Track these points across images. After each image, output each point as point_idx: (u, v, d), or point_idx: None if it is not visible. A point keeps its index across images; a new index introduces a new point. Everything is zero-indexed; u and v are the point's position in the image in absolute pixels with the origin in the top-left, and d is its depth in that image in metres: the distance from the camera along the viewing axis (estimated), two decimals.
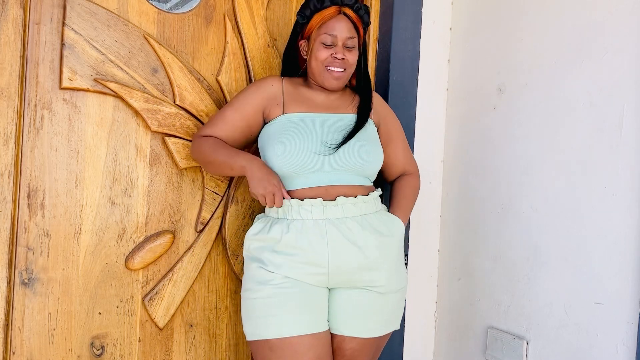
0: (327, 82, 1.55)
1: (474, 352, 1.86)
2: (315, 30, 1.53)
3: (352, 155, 1.49)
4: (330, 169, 1.48)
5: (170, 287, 1.67)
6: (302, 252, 1.44)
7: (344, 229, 1.46)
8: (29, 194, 1.53)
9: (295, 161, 1.47)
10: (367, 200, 1.51)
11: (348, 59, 1.53)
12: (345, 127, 1.53)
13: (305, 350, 1.40)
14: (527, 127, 1.71)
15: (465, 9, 1.98)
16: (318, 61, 1.53)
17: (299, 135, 1.49)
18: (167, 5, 1.67)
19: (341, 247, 1.45)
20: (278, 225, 1.48)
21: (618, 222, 1.46)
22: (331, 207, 1.46)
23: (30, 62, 1.52)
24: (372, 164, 1.53)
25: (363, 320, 1.50)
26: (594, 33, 1.54)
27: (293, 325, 1.41)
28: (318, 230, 1.45)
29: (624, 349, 1.43)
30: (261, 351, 1.43)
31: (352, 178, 1.51)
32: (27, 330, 1.53)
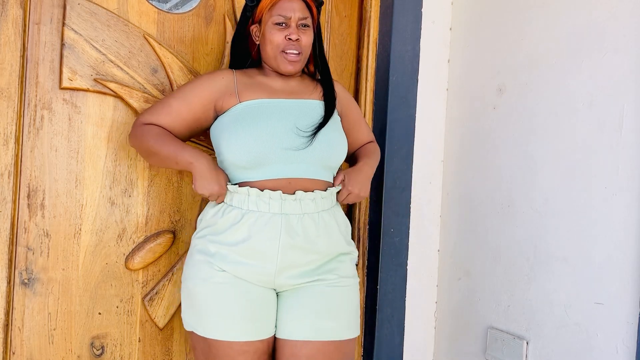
0: (282, 66, 1.48)
1: (474, 352, 1.86)
2: (266, 12, 1.46)
3: (318, 146, 1.42)
4: (293, 160, 1.41)
5: (170, 287, 1.67)
6: (250, 247, 1.38)
7: (299, 228, 1.40)
8: (29, 194, 1.53)
9: (252, 151, 1.39)
10: (325, 196, 1.45)
11: (302, 40, 1.46)
12: (310, 113, 1.47)
13: (236, 354, 1.37)
14: (527, 127, 1.71)
15: (465, 9, 1.98)
16: (273, 45, 1.46)
17: (258, 123, 1.41)
18: (167, 5, 1.67)
19: (293, 246, 1.40)
20: (232, 214, 1.40)
21: (618, 222, 1.46)
22: (290, 202, 1.40)
23: (30, 62, 1.52)
24: (338, 154, 1.47)
25: (314, 319, 1.41)
26: (594, 33, 1.54)
27: (226, 330, 1.37)
28: (272, 225, 1.39)
29: (624, 349, 1.43)
30: (196, 342, 1.42)
31: (316, 171, 1.44)
32: (27, 330, 1.53)
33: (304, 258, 1.42)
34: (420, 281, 2.00)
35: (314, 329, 1.40)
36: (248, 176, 1.42)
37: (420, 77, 1.98)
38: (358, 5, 1.95)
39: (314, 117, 1.46)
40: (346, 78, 1.95)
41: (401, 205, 1.94)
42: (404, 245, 1.95)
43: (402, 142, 1.93)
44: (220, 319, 1.38)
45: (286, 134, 1.41)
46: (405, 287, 1.96)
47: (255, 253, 1.39)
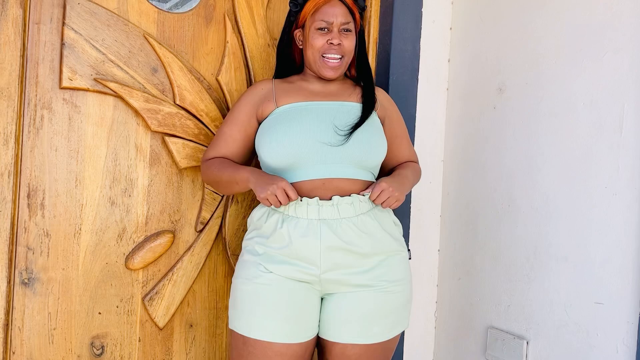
0: (323, 71, 1.50)
1: (474, 352, 1.86)
2: (309, 17, 1.49)
3: (354, 145, 1.43)
4: (329, 160, 1.42)
5: (170, 287, 1.67)
6: (293, 251, 1.41)
7: (339, 231, 1.41)
8: (29, 193, 1.53)
9: (288, 153, 1.42)
10: (362, 200, 1.45)
11: (344, 45, 1.49)
12: (347, 114, 1.48)
13: (273, 355, 1.38)
14: (527, 126, 1.71)
15: (465, 9, 1.98)
16: (314, 49, 1.49)
17: (292, 125, 1.43)
18: (167, 5, 1.67)
19: (335, 248, 1.40)
20: (274, 218, 1.44)
21: (618, 221, 1.46)
22: (327, 208, 1.41)
23: (30, 61, 1.52)
24: (375, 154, 1.47)
25: (364, 324, 1.43)
26: (594, 33, 1.54)
27: (265, 330, 1.39)
28: (312, 230, 1.40)
29: (624, 349, 1.43)
30: (236, 341, 1.44)
31: (353, 171, 1.45)
32: (27, 330, 1.53)
33: (347, 260, 1.42)
34: (420, 281, 2.00)
35: (362, 334, 1.43)
36: (286, 177, 1.45)
37: (420, 76, 1.98)
38: None
39: (351, 118, 1.47)
40: None
41: (401, 206, 1.94)
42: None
43: None
44: (261, 318, 1.40)
45: (322, 132, 1.43)
46: None
47: (299, 256, 1.41)
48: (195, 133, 1.68)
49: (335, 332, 1.44)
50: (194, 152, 1.68)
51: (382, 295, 1.44)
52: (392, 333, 1.48)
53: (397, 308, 1.48)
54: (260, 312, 1.40)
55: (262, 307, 1.40)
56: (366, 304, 1.43)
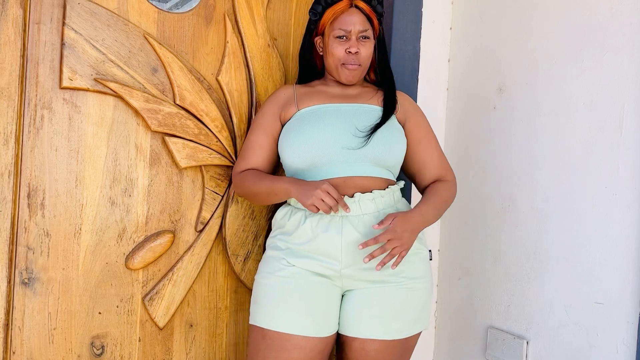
0: (343, 77, 1.54)
1: (474, 352, 1.86)
2: (328, 26, 1.53)
3: (373, 144, 1.46)
4: (350, 159, 1.45)
5: (170, 286, 1.67)
6: (315, 246, 1.43)
7: (360, 226, 1.43)
8: (29, 193, 1.53)
9: (309, 153, 1.45)
10: (384, 195, 1.47)
11: (362, 52, 1.51)
12: (367, 115, 1.50)
13: (292, 348, 1.40)
14: (527, 126, 1.71)
15: (465, 9, 1.98)
16: (334, 58, 1.52)
17: (314, 126, 1.47)
18: (167, 5, 1.67)
19: (356, 244, 1.42)
20: (297, 216, 1.47)
21: (618, 221, 1.46)
22: (349, 204, 1.44)
23: (30, 61, 1.52)
24: (393, 154, 1.49)
25: (383, 319, 1.44)
26: (594, 33, 1.54)
27: (284, 322, 1.40)
28: (333, 226, 1.43)
29: (624, 349, 1.43)
30: (254, 335, 1.46)
31: (372, 169, 1.47)
32: (27, 330, 1.53)
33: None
34: None
35: (382, 329, 1.44)
36: (307, 177, 1.48)
37: (421, 76, 1.98)
38: None
39: (371, 120, 1.50)
40: None
41: None
42: None
43: None
44: (281, 310, 1.42)
45: (342, 133, 1.46)
46: None
47: (321, 252, 1.43)
48: (195, 133, 1.68)
49: (355, 327, 1.45)
50: (194, 152, 1.68)
51: (402, 292, 1.46)
52: (412, 331, 1.48)
53: (417, 305, 1.49)
54: (281, 304, 1.42)
55: (283, 299, 1.42)
56: (387, 299, 1.45)
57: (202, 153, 1.68)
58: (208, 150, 1.69)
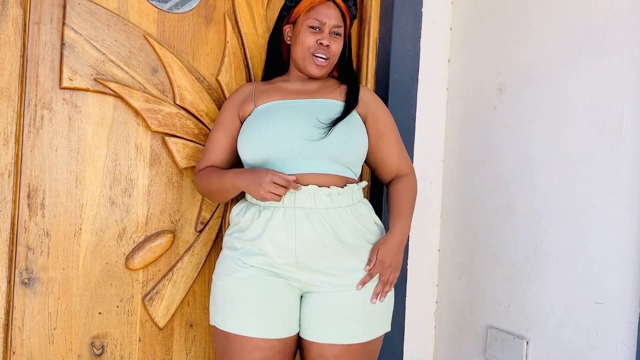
0: (309, 68, 1.52)
1: (474, 352, 1.86)
2: (302, 14, 1.51)
3: (329, 139, 1.42)
4: (304, 156, 1.42)
5: (170, 286, 1.67)
6: (269, 241, 1.40)
7: (315, 219, 1.40)
8: (29, 193, 1.53)
9: (263, 149, 1.43)
10: (341, 193, 1.43)
11: (332, 47, 1.51)
12: (326, 110, 1.47)
13: (251, 349, 1.39)
14: (527, 126, 1.71)
15: (465, 9, 1.98)
16: (304, 46, 1.50)
17: (269, 121, 1.45)
18: (167, 5, 1.67)
19: (309, 235, 1.39)
20: (251, 211, 1.45)
21: (618, 221, 1.46)
22: (303, 195, 1.40)
23: (30, 61, 1.52)
24: (352, 149, 1.45)
25: (343, 324, 1.42)
26: (594, 33, 1.54)
27: (242, 325, 1.40)
28: (287, 219, 1.40)
29: (624, 349, 1.43)
30: (218, 337, 1.45)
31: (329, 166, 1.44)
32: (27, 330, 1.53)
33: (322, 250, 1.41)
34: (420, 281, 2.01)
35: (340, 334, 1.42)
36: None
37: (421, 77, 1.98)
38: (358, 5, 1.95)
39: (330, 114, 1.47)
40: None
41: None
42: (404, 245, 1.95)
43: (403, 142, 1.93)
44: (238, 313, 1.41)
45: (298, 128, 1.43)
46: (406, 287, 1.96)
47: (274, 246, 1.41)
48: (195, 133, 1.68)
49: (313, 331, 1.43)
50: (194, 152, 1.68)
51: (361, 294, 1.43)
52: (373, 334, 1.46)
53: (377, 309, 1.46)
54: (238, 307, 1.41)
55: (240, 302, 1.41)
56: (345, 302, 1.42)
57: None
58: None
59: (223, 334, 1.43)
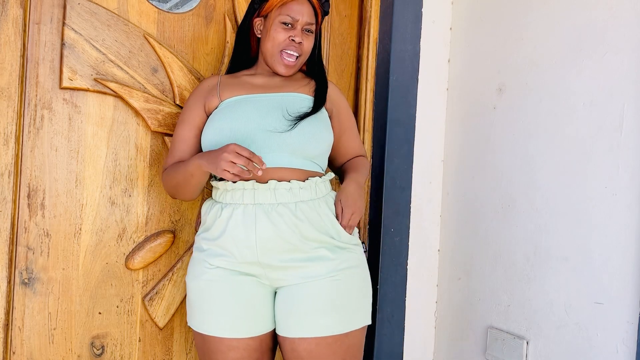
0: (278, 67, 1.50)
1: (474, 352, 1.86)
2: (275, 9, 1.48)
3: (293, 133, 1.40)
4: (268, 148, 1.40)
5: (170, 286, 1.67)
6: (229, 238, 1.38)
7: (274, 215, 1.37)
8: (29, 193, 1.53)
9: (225, 141, 1.39)
10: (303, 187, 1.40)
11: (304, 44, 1.49)
12: (293, 104, 1.45)
13: (226, 349, 1.40)
14: (527, 126, 1.71)
15: (465, 9, 1.98)
16: (275, 42, 1.48)
17: (229, 116, 1.43)
18: (167, 5, 1.67)
19: (269, 232, 1.36)
20: (214, 209, 1.42)
21: (618, 221, 1.46)
22: (262, 192, 1.38)
23: (30, 62, 1.52)
24: (314, 143, 1.43)
25: (312, 316, 1.37)
26: (594, 33, 1.54)
27: (214, 326, 1.40)
28: (247, 216, 1.37)
29: (624, 349, 1.43)
30: (196, 338, 1.46)
31: (289, 160, 1.41)
32: (27, 330, 1.53)
33: (284, 246, 1.38)
34: (420, 281, 2.01)
35: (310, 326, 1.37)
36: None
37: (421, 77, 1.98)
38: (358, 5, 1.95)
39: (297, 108, 1.45)
40: (346, 78, 1.95)
41: (401, 205, 1.94)
42: (404, 245, 1.95)
43: (402, 142, 1.93)
44: (209, 315, 1.41)
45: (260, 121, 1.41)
46: (405, 287, 1.96)
47: (235, 244, 1.38)
48: None
49: (283, 326, 1.40)
50: None
51: (332, 284, 1.38)
52: (349, 326, 1.39)
53: (350, 298, 1.40)
54: (208, 308, 1.41)
55: (209, 303, 1.41)
56: (314, 293, 1.37)
57: None
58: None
59: (199, 335, 1.44)
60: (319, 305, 1.37)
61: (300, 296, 1.38)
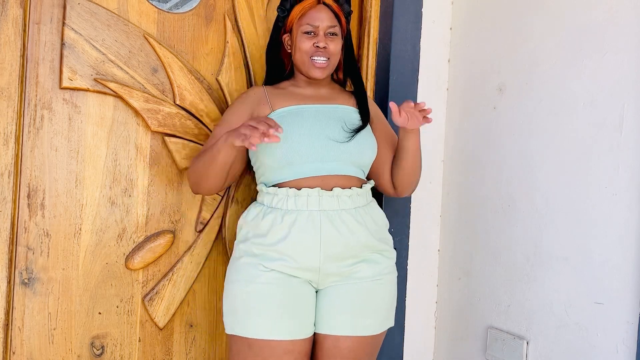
0: (311, 72, 1.53)
1: (474, 352, 1.86)
2: (296, 22, 1.53)
3: (350, 143, 1.49)
4: (325, 158, 1.47)
5: (170, 287, 1.67)
6: (293, 244, 1.42)
7: (339, 222, 1.44)
8: (29, 193, 1.53)
9: (288, 151, 1.45)
10: (360, 193, 1.50)
11: (330, 47, 1.52)
12: (341, 116, 1.53)
13: (282, 353, 1.39)
14: (527, 126, 1.71)
15: (465, 9, 1.98)
16: (302, 52, 1.52)
17: (292, 125, 1.47)
18: (167, 5, 1.67)
19: (334, 239, 1.43)
20: (272, 215, 1.45)
21: (618, 221, 1.46)
22: (327, 198, 1.44)
23: (30, 62, 1.52)
24: (366, 153, 1.52)
25: (357, 316, 1.46)
26: (594, 33, 1.54)
27: (272, 329, 1.40)
28: (312, 222, 1.43)
29: (624, 349, 1.43)
30: (238, 346, 1.43)
31: (347, 168, 1.49)
32: (27, 330, 1.53)
33: (345, 252, 1.45)
34: (420, 281, 2.00)
35: (354, 326, 1.46)
36: (284, 176, 1.47)
37: (421, 76, 1.98)
38: (358, 5, 1.95)
39: (348, 120, 1.53)
40: None
41: (401, 205, 1.94)
42: (404, 245, 1.95)
43: None
44: (265, 318, 1.40)
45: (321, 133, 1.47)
46: (405, 287, 1.96)
47: (298, 250, 1.43)
48: (195, 133, 1.68)
49: (328, 323, 1.46)
50: (194, 152, 1.68)
51: (370, 286, 1.48)
52: (382, 327, 1.51)
53: (386, 302, 1.52)
54: (263, 312, 1.41)
55: (266, 306, 1.41)
56: (356, 295, 1.47)
57: None
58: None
59: (246, 342, 1.41)
60: (364, 306, 1.47)
61: (346, 295, 1.47)
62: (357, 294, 1.47)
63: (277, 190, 1.46)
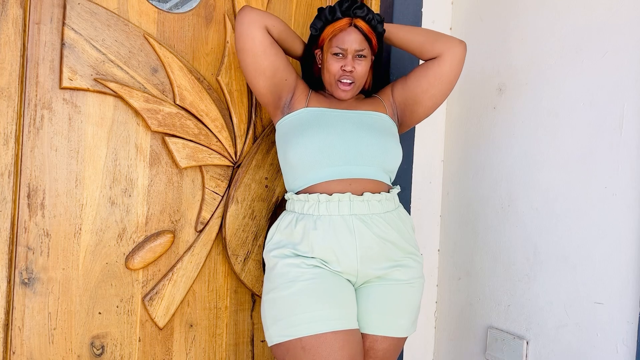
0: (337, 93, 1.57)
1: (474, 352, 1.86)
2: (326, 42, 1.55)
3: (374, 149, 1.51)
4: (353, 162, 1.49)
5: (170, 287, 1.67)
6: (328, 249, 1.44)
7: (371, 224, 1.46)
8: (29, 193, 1.53)
9: (319, 152, 1.47)
10: (389, 198, 1.52)
11: (357, 70, 1.54)
12: (369, 122, 1.56)
13: (340, 346, 1.34)
14: (527, 126, 1.71)
15: (465, 9, 1.98)
16: (330, 73, 1.55)
17: (322, 126, 1.51)
18: (167, 5, 1.67)
19: (369, 242, 1.45)
20: (304, 222, 1.47)
21: (618, 221, 1.46)
22: (358, 203, 1.46)
23: (30, 62, 1.52)
24: (393, 158, 1.54)
25: (394, 317, 1.49)
26: (594, 33, 1.54)
27: (326, 321, 1.36)
28: (346, 225, 1.45)
29: (624, 349, 1.43)
30: (292, 352, 1.36)
31: (375, 172, 1.51)
32: (27, 330, 1.53)
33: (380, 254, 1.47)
34: None
35: (392, 326, 1.49)
36: (314, 177, 1.49)
37: None
38: None
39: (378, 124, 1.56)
40: None
41: None
42: None
43: (402, 142, 1.93)
44: (314, 312, 1.36)
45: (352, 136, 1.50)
46: None
47: (334, 253, 1.44)
48: (195, 133, 1.68)
49: (367, 324, 1.49)
50: (194, 152, 1.68)
51: (407, 290, 1.51)
52: (411, 330, 1.55)
53: (416, 305, 1.55)
54: (319, 305, 1.38)
55: (318, 299, 1.38)
56: (395, 295, 1.50)
57: (202, 153, 1.69)
58: (208, 150, 1.69)
59: (299, 344, 1.35)
60: (400, 308, 1.50)
61: (383, 297, 1.49)
62: (393, 295, 1.49)
63: (308, 196, 1.47)
